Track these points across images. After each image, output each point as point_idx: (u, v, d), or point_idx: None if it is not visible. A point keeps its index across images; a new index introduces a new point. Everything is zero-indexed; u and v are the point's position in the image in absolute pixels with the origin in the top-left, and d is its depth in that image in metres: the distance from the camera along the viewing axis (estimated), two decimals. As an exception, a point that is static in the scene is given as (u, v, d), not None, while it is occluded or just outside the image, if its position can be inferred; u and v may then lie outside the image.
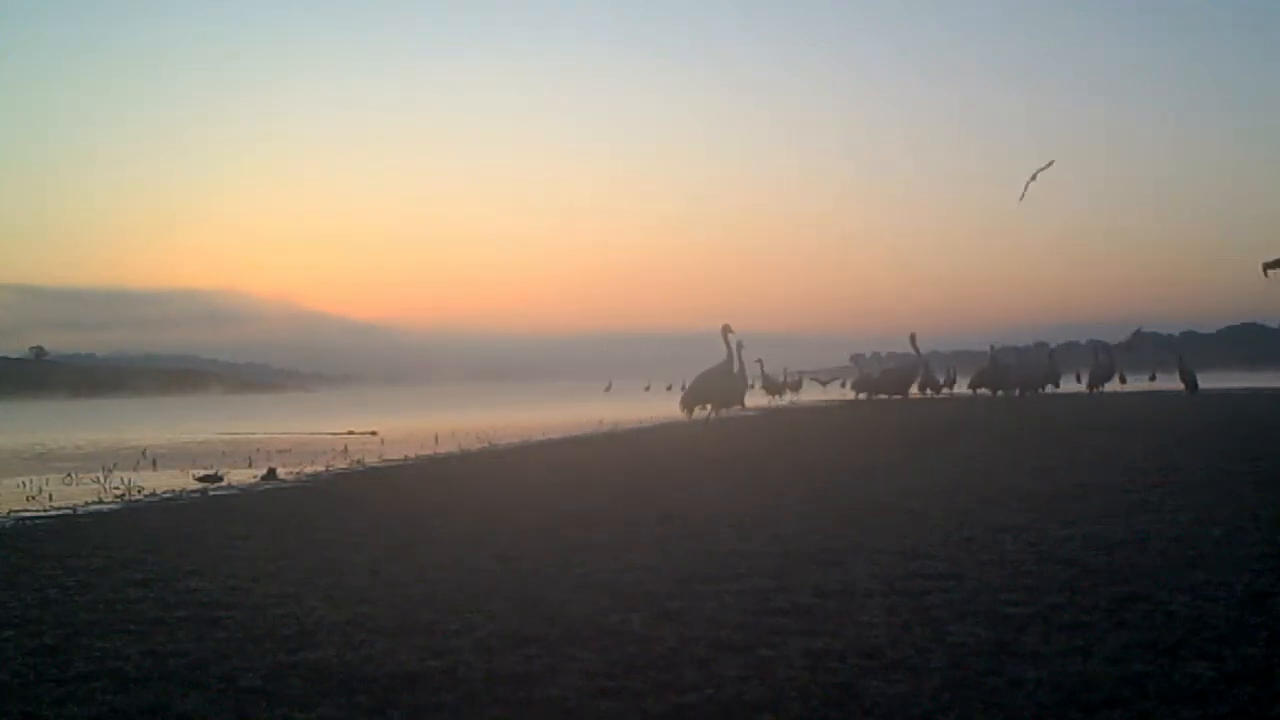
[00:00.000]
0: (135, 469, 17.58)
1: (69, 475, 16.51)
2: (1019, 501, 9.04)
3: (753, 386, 40.89)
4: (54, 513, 11.40)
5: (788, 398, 48.38)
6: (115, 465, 18.27)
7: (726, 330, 21.16)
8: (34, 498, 13.32)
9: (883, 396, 39.01)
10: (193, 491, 13.37)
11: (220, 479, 14.77)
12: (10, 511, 11.62)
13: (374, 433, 27.84)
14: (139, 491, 13.66)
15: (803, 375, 55.69)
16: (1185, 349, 36.90)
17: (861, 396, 41.80)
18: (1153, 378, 48.18)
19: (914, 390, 38.90)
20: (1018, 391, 35.36)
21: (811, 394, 57.78)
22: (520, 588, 6.06)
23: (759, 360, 43.94)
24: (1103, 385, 34.46)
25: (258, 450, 21.79)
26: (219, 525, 9.51)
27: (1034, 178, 18.32)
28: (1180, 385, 32.94)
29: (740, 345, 22.20)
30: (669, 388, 68.93)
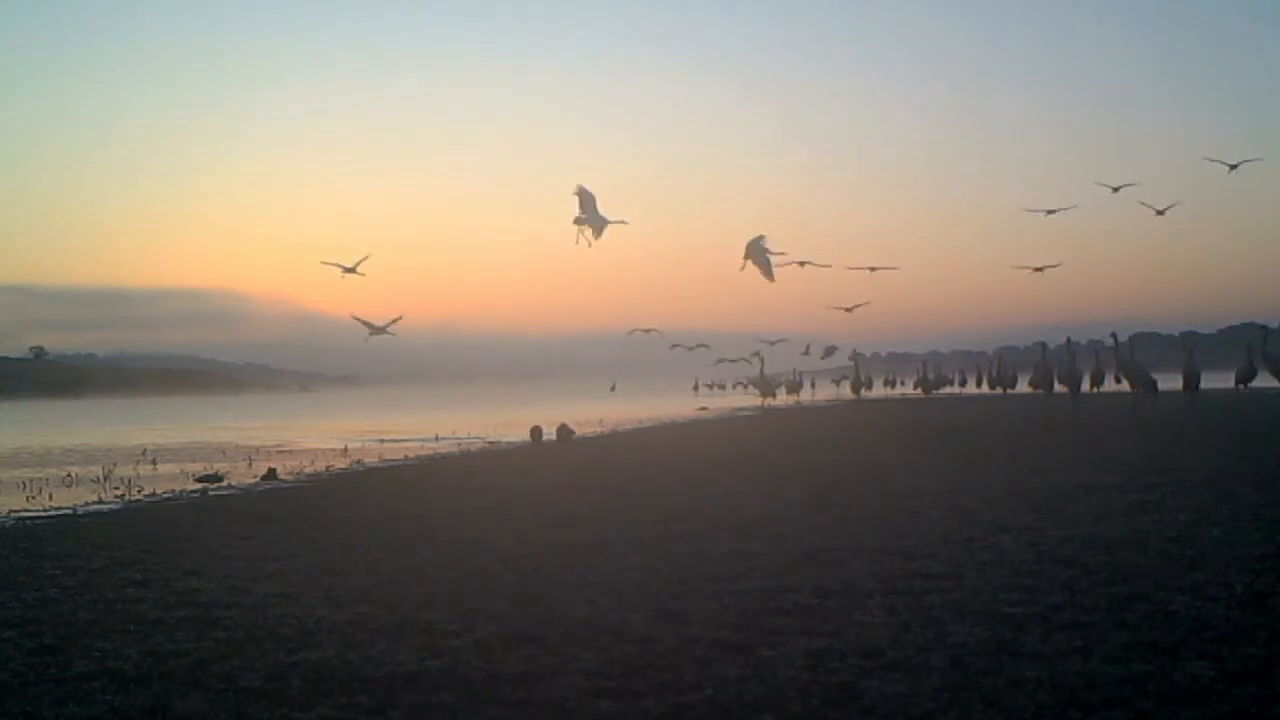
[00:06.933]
0: (135, 469, 17.59)
1: (69, 475, 16.51)
2: (1019, 501, 9.03)
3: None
4: (54, 513, 11.41)
5: (791, 399, 48.52)
6: (115, 465, 18.28)
7: None
8: (34, 498, 13.33)
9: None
10: (193, 491, 13.37)
11: (220, 479, 14.78)
12: (10, 511, 11.63)
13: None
14: (139, 491, 13.67)
15: (801, 375, 55.81)
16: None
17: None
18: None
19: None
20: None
21: (809, 394, 57.86)
22: (520, 588, 6.06)
23: (761, 358, 44.17)
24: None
25: (258, 450, 21.79)
26: (219, 525, 9.51)
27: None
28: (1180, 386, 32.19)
29: None
30: (703, 386, 69.65)
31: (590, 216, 17.44)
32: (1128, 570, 5.95)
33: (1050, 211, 21.59)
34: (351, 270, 21.68)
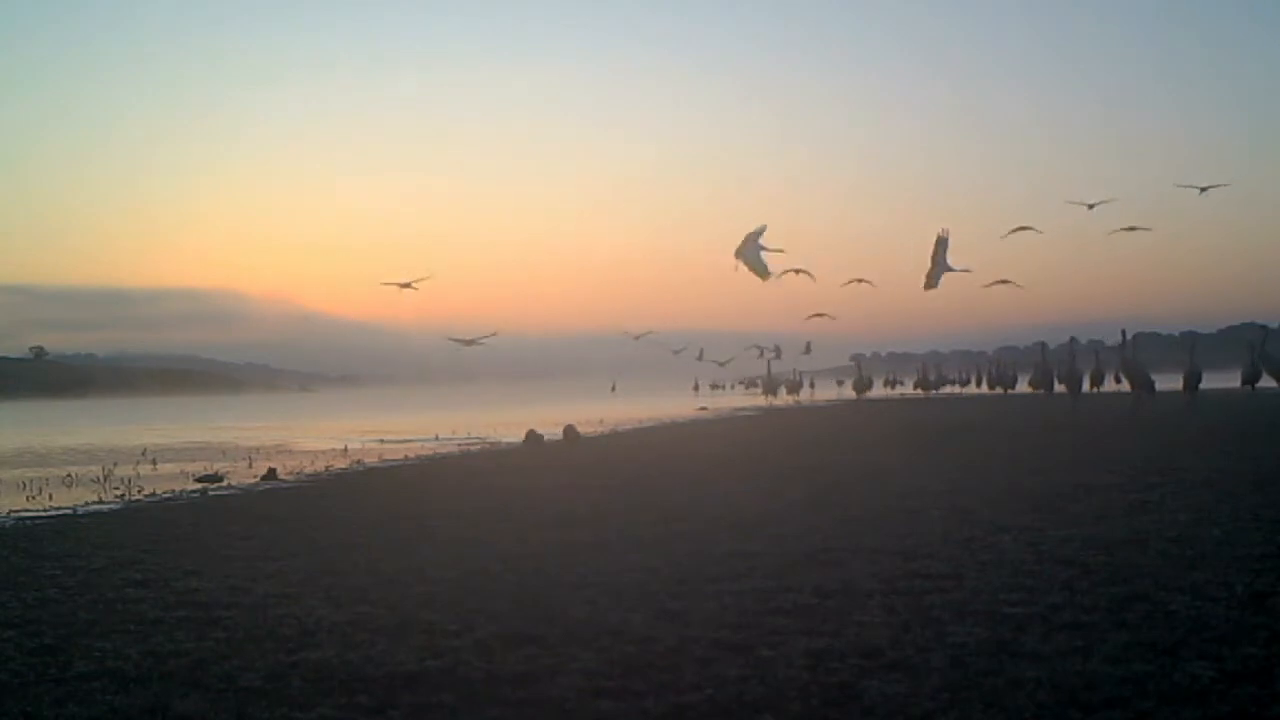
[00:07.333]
0: (135, 469, 17.59)
1: (69, 475, 16.51)
2: (1019, 501, 9.03)
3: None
4: (54, 513, 11.41)
5: (791, 399, 48.60)
6: (115, 465, 18.28)
7: None
8: (34, 498, 13.33)
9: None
10: (193, 491, 13.37)
11: (220, 479, 14.78)
12: (10, 511, 11.63)
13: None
14: (139, 491, 13.66)
15: (802, 375, 55.86)
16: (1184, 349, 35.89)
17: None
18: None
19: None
20: None
21: (808, 394, 57.87)
22: (520, 588, 6.06)
23: (768, 360, 44.38)
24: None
25: (258, 450, 21.79)
26: (219, 525, 9.51)
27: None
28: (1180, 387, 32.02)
29: None
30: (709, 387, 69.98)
31: (747, 251, 18.27)
32: (1128, 570, 5.95)
33: (1023, 229, 22.45)
34: (408, 286, 21.79)
